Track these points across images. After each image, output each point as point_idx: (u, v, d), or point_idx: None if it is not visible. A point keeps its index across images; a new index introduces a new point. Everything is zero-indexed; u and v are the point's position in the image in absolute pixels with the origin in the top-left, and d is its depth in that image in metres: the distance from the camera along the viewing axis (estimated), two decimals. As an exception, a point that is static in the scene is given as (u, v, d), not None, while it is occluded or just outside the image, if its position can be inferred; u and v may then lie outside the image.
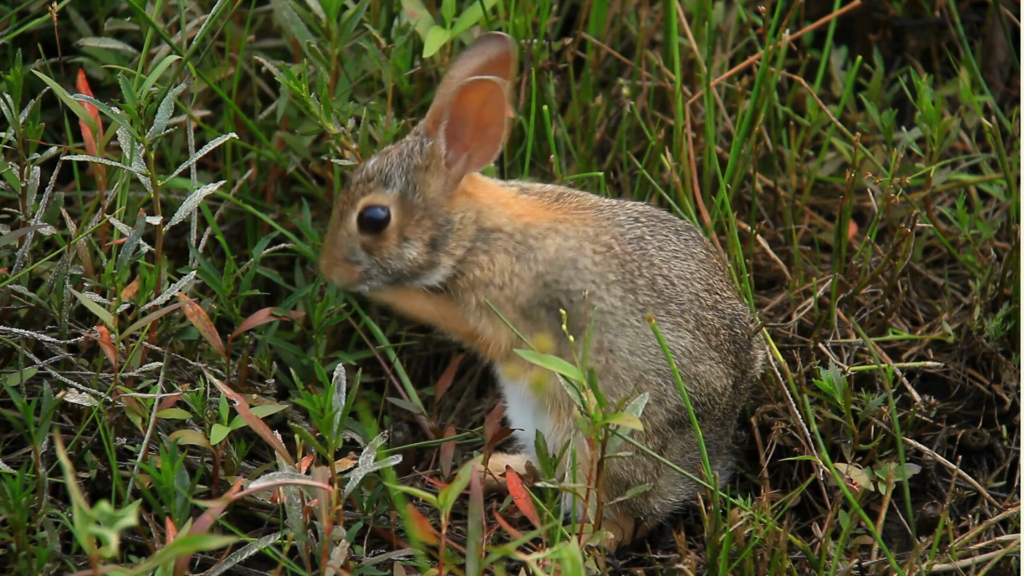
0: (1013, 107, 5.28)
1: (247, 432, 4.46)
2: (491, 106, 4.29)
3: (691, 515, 4.59)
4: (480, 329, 4.41)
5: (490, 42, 4.40)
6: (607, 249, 4.38)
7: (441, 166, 4.38)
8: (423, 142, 4.38)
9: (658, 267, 4.39)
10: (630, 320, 4.36)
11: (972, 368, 4.89)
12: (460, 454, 4.78)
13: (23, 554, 4.07)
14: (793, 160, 5.12)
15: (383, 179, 4.39)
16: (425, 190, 4.38)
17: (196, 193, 4.44)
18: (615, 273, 4.37)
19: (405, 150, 4.39)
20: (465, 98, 4.28)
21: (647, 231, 4.42)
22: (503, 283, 4.37)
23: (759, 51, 5.04)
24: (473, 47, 4.41)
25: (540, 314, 4.37)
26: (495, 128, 4.32)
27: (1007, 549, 4.44)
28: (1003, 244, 4.98)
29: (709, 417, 4.43)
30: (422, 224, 4.39)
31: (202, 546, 3.44)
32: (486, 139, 4.34)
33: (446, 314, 4.45)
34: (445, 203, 4.39)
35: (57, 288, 4.48)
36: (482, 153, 4.36)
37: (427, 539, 3.87)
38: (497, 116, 4.30)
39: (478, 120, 4.31)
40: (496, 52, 4.39)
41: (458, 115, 4.32)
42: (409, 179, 4.38)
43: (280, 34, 5.13)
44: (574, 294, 4.35)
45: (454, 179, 4.38)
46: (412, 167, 4.38)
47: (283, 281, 4.88)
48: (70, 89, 4.68)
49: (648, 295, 4.37)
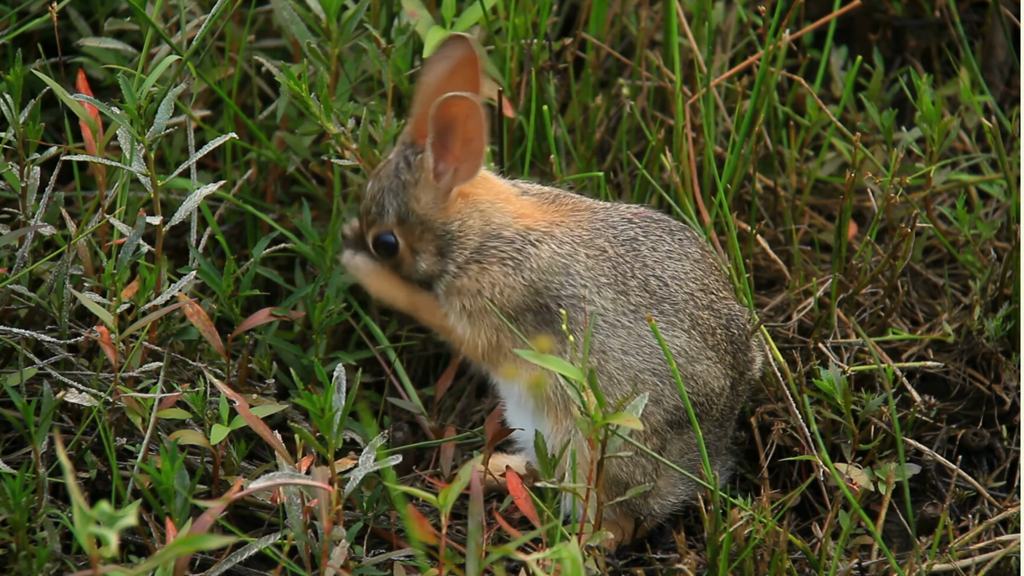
0: (1013, 107, 5.27)
1: (247, 432, 4.46)
2: (472, 121, 4.31)
3: (691, 515, 4.59)
4: (459, 329, 4.42)
5: (454, 45, 4.40)
6: (600, 252, 4.39)
7: (430, 179, 4.39)
8: (409, 157, 4.41)
9: (651, 268, 4.39)
10: (622, 321, 4.36)
11: (972, 368, 4.89)
12: (460, 454, 4.78)
13: (23, 554, 4.07)
14: (793, 160, 5.12)
15: (379, 208, 4.43)
16: (415, 206, 4.41)
17: (196, 193, 4.44)
18: (607, 276, 4.38)
19: (391, 170, 4.42)
20: (449, 110, 4.29)
21: (640, 232, 4.43)
22: (492, 295, 4.39)
23: (759, 51, 5.04)
24: (439, 52, 4.41)
25: (526, 318, 4.39)
26: (477, 142, 4.34)
27: (1007, 549, 4.44)
28: (1003, 244, 4.98)
29: (707, 418, 4.43)
30: (424, 237, 4.43)
31: (202, 546, 3.44)
32: (470, 152, 4.35)
33: (419, 304, 4.48)
34: (439, 215, 4.41)
35: (57, 288, 4.48)
36: (468, 166, 4.38)
37: (427, 539, 3.87)
38: (479, 131, 4.32)
39: (463, 133, 4.33)
40: (460, 54, 4.40)
41: (443, 128, 4.33)
42: (400, 200, 4.42)
43: (280, 34, 5.12)
44: (564, 299, 4.37)
45: (444, 191, 4.40)
46: (400, 186, 4.41)
47: (283, 281, 4.88)
48: (70, 89, 4.68)
49: (640, 296, 4.38)
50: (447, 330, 4.46)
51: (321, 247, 4.75)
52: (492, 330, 4.40)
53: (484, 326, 4.40)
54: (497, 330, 4.39)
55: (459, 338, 4.44)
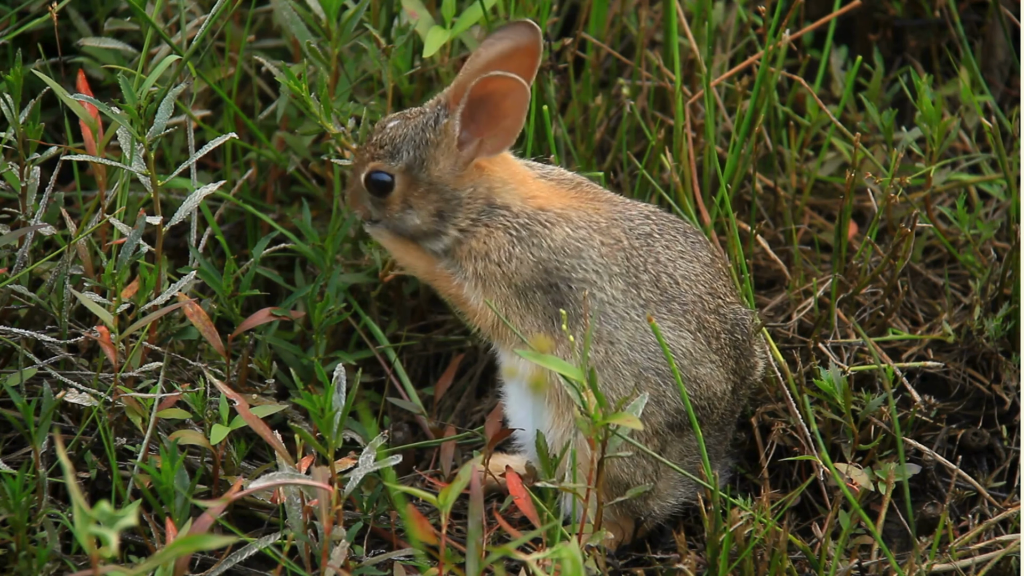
0: (1013, 107, 5.27)
1: (247, 432, 4.46)
2: (512, 101, 4.31)
3: (691, 515, 4.59)
4: (472, 298, 4.42)
5: (520, 28, 4.40)
6: (615, 242, 4.39)
7: (452, 146, 4.39)
8: (440, 117, 4.40)
9: (664, 265, 4.40)
10: (630, 314, 4.36)
11: (972, 368, 4.88)
12: (460, 454, 4.78)
13: (23, 554, 4.07)
14: (793, 160, 5.12)
15: (393, 149, 4.41)
16: (432, 167, 4.40)
17: (196, 193, 4.44)
18: (620, 266, 4.38)
19: (421, 123, 4.41)
20: (488, 86, 4.29)
21: (656, 229, 4.43)
22: (499, 260, 4.39)
23: (759, 51, 5.04)
24: (503, 30, 4.40)
25: (535, 295, 4.38)
26: (512, 122, 4.33)
27: (1007, 549, 4.44)
28: (1003, 244, 4.98)
29: (708, 421, 4.43)
30: (428, 196, 4.42)
31: (202, 546, 3.44)
32: (501, 129, 4.35)
33: (436, 274, 4.47)
34: (452, 181, 4.41)
35: (57, 288, 4.48)
36: (495, 142, 4.37)
37: (427, 539, 3.87)
38: (516, 112, 4.31)
39: (497, 110, 4.32)
40: (525, 40, 4.39)
41: (478, 100, 4.33)
42: (418, 154, 4.40)
43: (280, 34, 5.12)
44: (574, 282, 4.37)
45: (464, 161, 4.40)
46: (423, 142, 4.40)
47: (283, 281, 4.88)
48: (70, 89, 4.68)
49: (651, 291, 4.38)
50: (461, 300, 4.45)
51: (321, 247, 4.75)
52: (502, 303, 4.39)
53: (494, 297, 4.39)
54: (506, 304, 4.39)
55: (472, 309, 4.43)
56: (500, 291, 4.39)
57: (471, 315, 4.45)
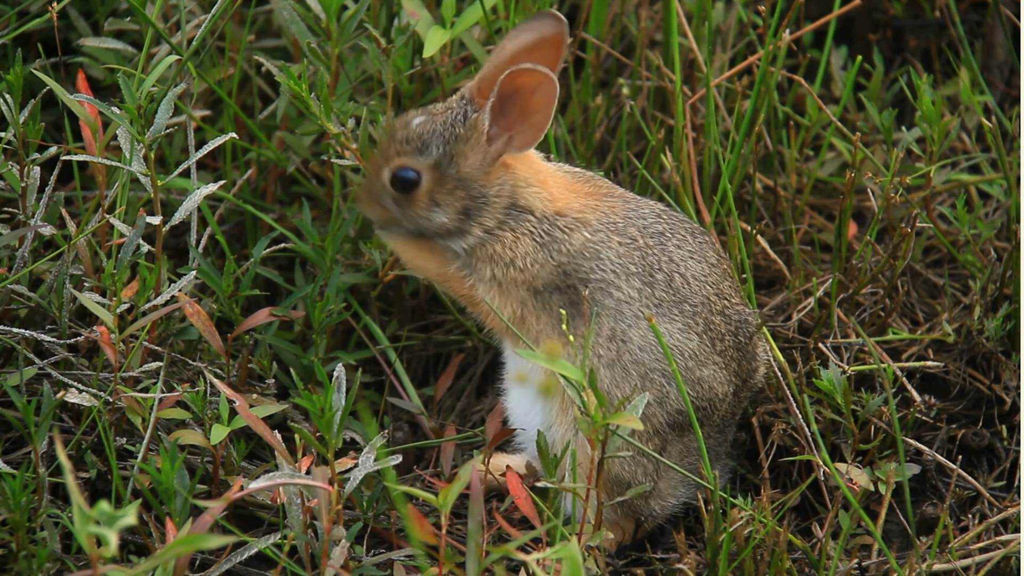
0: (1013, 107, 5.28)
1: (247, 432, 4.46)
2: (541, 95, 4.28)
3: (691, 515, 4.59)
4: (486, 299, 4.39)
5: (546, 20, 4.38)
6: (631, 241, 4.38)
7: (482, 141, 4.36)
8: (468, 111, 4.38)
9: (676, 264, 4.40)
10: (644, 314, 4.36)
11: (972, 368, 4.89)
12: (460, 454, 4.78)
13: (23, 554, 4.07)
14: (793, 160, 5.12)
15: (421, 145, 4.37)
16: (461, 162, 4.37)
17: (196, 193, 4.44)
18: (636, 265, 4.37)
19: (449, 118, 4.38)
20: (517, 80, 4.27)
21: (667, 228, 4.43)
22: (523, 266, 4.37)
23: (759, 51, 5.04)
24: (529, 22, 4.38)
25: (552, 296, 4.37)
26: (541, 117, 4.31)
27: (1007, 549, 4.44)
28: (1003, 244, 4.98)
29: (708, 423, 4.43)
30: (455, 193, 4.38)
31: (202, 546, 3.44)
32: (530, 125, 4.32)
33: (448, 276, 4.44)
34: (481, 177, 4.38)
35: (57, 288, 4.48)
36: (524, 137, 4.34)
37: (427, 539, 3.87)
38: (545, 106, 4.29)
39: (527, 104, 4.30)
40: (550, 32, 4.37)
41: (507, 95, 4.31)
42: (447, 150, 4.37)
43: (280, 34, 5.13)
44: (592, 282, 4.36)
45: (493, 156, 4.37)
46: (452, 137, 4.36)
47: (283, 281, 4.88)
48: (70, 89, 4.68)
49: (665, 291, 4.37)
50: (473, 300, 4.44)
51: (321, 247, 4.75)
52: (518, 304, 4.38)
53: (511, 298, 4.38)
54: (523, 304, 4.38)
55: (485, 310, 4.42)
56: (518, 293, 4.38)
57: (485, 316, 4.43)
